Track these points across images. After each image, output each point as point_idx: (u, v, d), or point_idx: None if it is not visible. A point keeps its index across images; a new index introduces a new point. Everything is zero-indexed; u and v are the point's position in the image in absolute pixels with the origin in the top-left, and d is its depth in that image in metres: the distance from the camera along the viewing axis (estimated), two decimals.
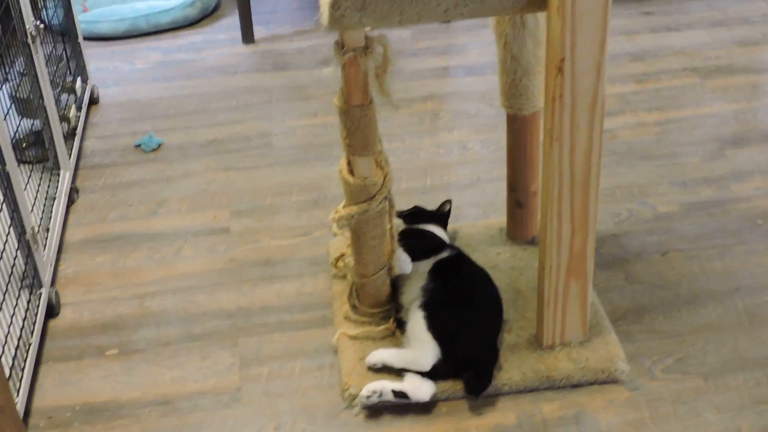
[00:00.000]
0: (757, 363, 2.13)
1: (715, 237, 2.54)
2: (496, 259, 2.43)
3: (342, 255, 2.40)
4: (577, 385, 2.07)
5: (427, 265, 2.20)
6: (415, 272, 2.20)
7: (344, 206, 2.10)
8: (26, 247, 2.25)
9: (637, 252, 2.50)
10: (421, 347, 2.03)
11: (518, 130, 2.31)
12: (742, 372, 2.10)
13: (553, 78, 1.79)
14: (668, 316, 2.27)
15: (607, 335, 2.16)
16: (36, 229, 2.33)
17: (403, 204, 2.53)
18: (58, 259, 2.56)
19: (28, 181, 2.39)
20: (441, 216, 2.45)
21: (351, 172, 2.05)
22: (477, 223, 2.61)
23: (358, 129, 1.99)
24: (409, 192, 2.81)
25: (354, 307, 2.26)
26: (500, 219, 2.56)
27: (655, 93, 3.33)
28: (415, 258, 2.20)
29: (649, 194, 2.74)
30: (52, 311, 2.35)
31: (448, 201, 2.46)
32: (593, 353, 2.11)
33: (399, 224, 2.40)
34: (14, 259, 2.17)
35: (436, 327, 2.03)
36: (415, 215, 2.44)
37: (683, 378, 2.09)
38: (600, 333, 2.16)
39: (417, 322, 2.06)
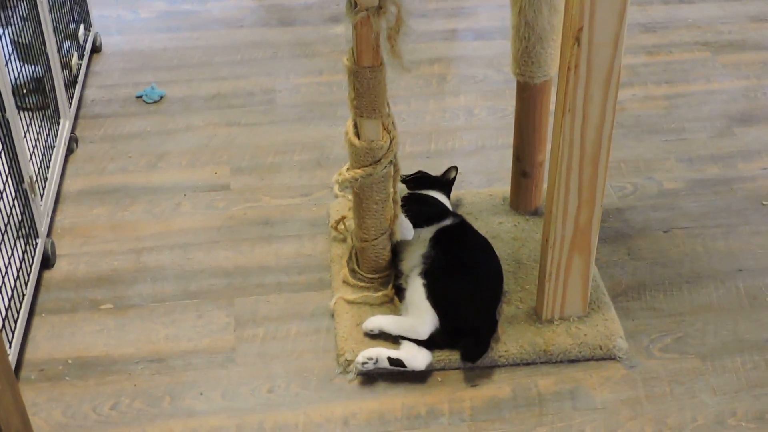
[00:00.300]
0: (756, 346, 2.11)
1: (719, 216, 2.52)
2: (498, 229, 2.40)
3: (343, 218, 2.37)
4: (574, 361, 2.06)
5: (429, 232, 2.18)
6: (416, 239, 2.17)
7: (348, 169, 2.07)
8: (23, 196, 2.21)
9: (641, 228, 2.48)
10: (419, 315, 2.01)
11: (528, 98, 2.27)
12: (740, 354, 2.09)
13: (570, 48, 1.75)
14: (669, 295, 2.25)
15: (607, 311, 2.14)
16: (34, 178, 2.29)
17: (406, 168, 2.50)
18: (55, 210, 2.53)
19: (27, 129, 2.35)
20: (445, 182, 2.42)
21: (357, 134, 2.02)
22: (480, 191, 2.58)
23: (366, 91, 1.95)
24: (413, 156, 2.77)
25: (353, 272, 2.23)
26: (504, 188, 2.53)
27: (665, 66, 3.28)
28: (417, 224, 2.17)
29: (655, 169, 2.71)
30: (47, 262, 2.32)
31: (454, 167, 2.42)
32: (592, 329, 2.09)
33: (402, 189, 2.37)
34: (11, 207, 2.13)
35: (435, 296, 2.01)
36: (418, 180, 2.41)
37: (681, 358, 2.08)
38: (600, 309, 2.14)
39: (416, 290, 2.03)
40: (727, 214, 2.53)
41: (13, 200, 2.16)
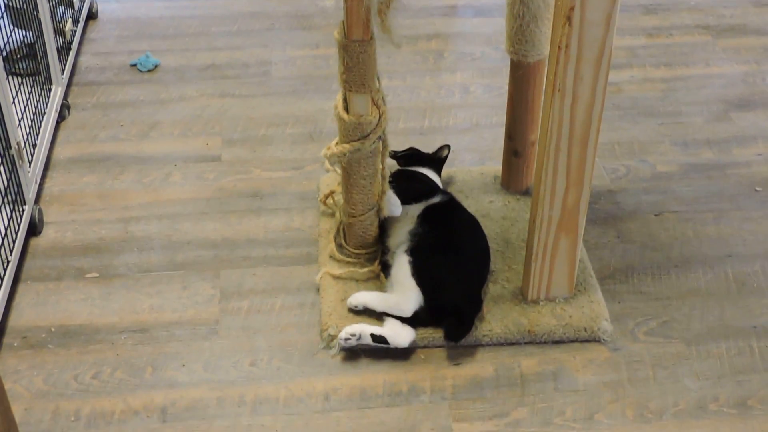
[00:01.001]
0: (741, 332, 2.10)
1: (711, 201, 2.50)
2: (488, 208, 2.39)
3: (332, 192, 2.36)
4: (558, 342, 2.05)
5: (417, 209, 2.17)
6: (404, 216, 2.16)
7: (337, 143, 2.06)
8: (10, 162, 2.20)
9: (632, 210, 2.47)
10: (403, 292, 2.00)
11: (521, 77, 2.25)
12: (725, 340, 2.08)
13: (561, 27, 1.73)
14: (656, 279, 2.24)
15: (593, 293, 2.13)
16: (22, 144, 2.28)
17: (399, 144, 2.49)
18: (44, 176, 2.52)
19: (16, 94, 2.33)
20: (437, 160, 2.40)
21: (346, 109, 2.00)
22: (472, 169, 2.56)
23: (356, 65, 1.93)
24: (406, 132, 2.75)
25: (340, 246, 2.22)
26: (496, 167, 2.51)
27: (665, 48, 3.25)
28: (405, 201, 2.16)
29: (649, 152, 2.69)
30: (34, 229, 2.31)
31: (447, 146, 2.41)
32: (577, 311, 2.08)
33: (392, 165, 2.36)
34: None
35: (420, 273, 2.00)
36: (409, 157, 2.40)
37: (665, 342, 2.07)
38: (586, 290, 2.13)
39: (402, 266, 2.03)
40: (720, 199, 2.51)
41: (0, 166, 2.15)
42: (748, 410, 1.92)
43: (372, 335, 1.97)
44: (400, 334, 1.99)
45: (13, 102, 2.29)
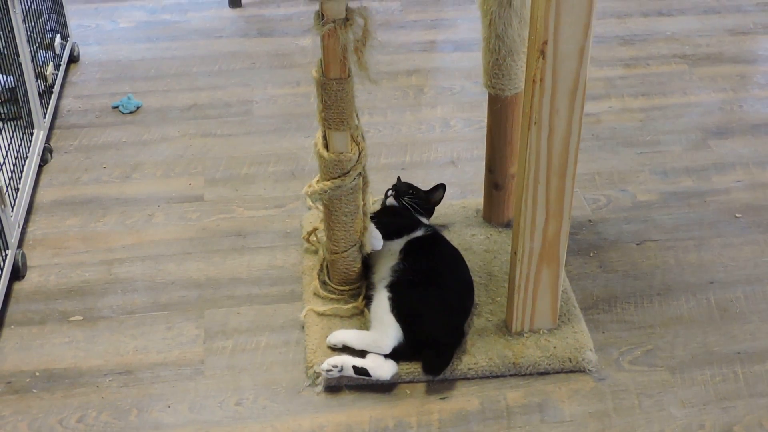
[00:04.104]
0: (725, 358, 2.11)
1: (692, 228, 2.52)
2: (471, 241, 2.40)
3: (315, 229, 2.37)
4: (543, 373, 2.05)
5: (399, 244, 2.18)
6: (387, 251, 2.17)
7: (318, 181, 2.07)
8: None
9: (613, 240, 2.48)
10: (381, 329, 2.00)
11: (499, 111, 2.28)
12: (709, 367, 2.09)
13: (535, 60, 1.76)
14: (640, 307, 2.26)
15: (577, 324, 2.14)
16: (4, 189, 2.28)
17: (382, 179, 2.50)
18: (27, 220, 2.52)
19: None
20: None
21: (326, 146, 2.02)
22: (454, 202, 2.57)
23: (334, 103, 1.95)
24: (388, 167, 2.77)
25: (323, 283, 2.23)
26: (477, 200, 2.53)
27: (642, 78, 3.29)
28: (387, 236, 2.17)
29: (630, 182, 2.71)
30: (17, 274, 2.31)
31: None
32: (561, 341, 2.09)
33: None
34: None
35: (399, 309, 2.00)
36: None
37: (650, 370, 2.08)
38: (570, 321, 2.14)
39: (381, 302, 2.03)
40: (700, 227, 2.53)
41: None
42: None
43: (354, 367, 1.97)
44: (382, 367, 1.98)
45: None
